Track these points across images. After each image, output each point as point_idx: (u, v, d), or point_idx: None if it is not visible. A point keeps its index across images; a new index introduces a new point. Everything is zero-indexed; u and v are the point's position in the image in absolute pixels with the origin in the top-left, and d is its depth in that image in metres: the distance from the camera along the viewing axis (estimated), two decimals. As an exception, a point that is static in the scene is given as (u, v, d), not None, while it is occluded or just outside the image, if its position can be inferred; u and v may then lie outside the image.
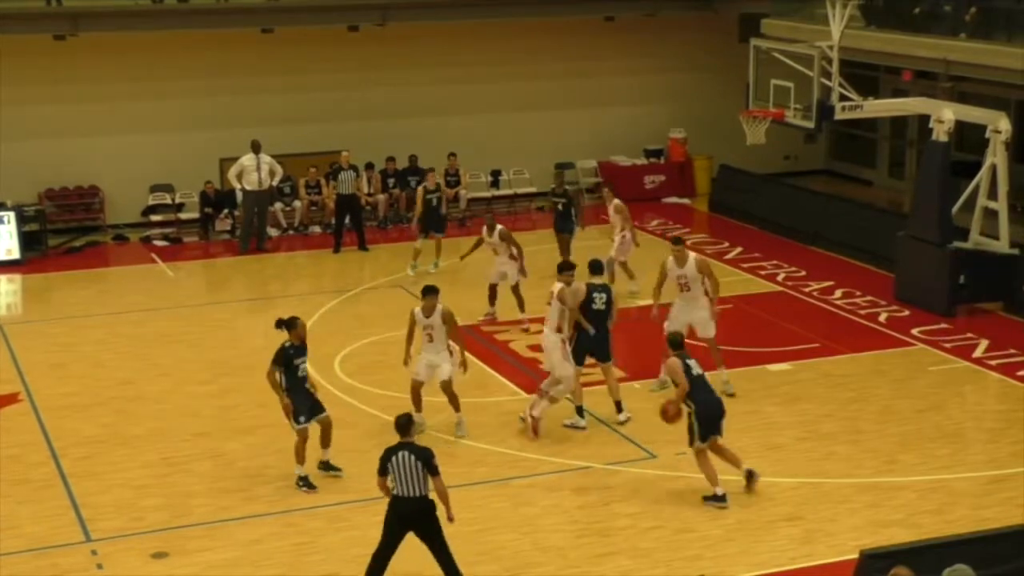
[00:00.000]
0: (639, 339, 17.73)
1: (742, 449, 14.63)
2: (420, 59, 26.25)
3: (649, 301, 16.85)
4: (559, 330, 14.91)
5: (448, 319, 14.92)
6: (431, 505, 11.28)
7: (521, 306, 18.94)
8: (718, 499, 13.27)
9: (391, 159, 25.33)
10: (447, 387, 15.07)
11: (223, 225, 24.59)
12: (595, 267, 15.77)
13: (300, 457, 13.75)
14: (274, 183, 23.89)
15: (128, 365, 17.74)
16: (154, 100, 24.96)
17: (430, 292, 14.93)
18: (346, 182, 23.33)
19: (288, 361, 13.67)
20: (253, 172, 23.32)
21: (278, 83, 25.55)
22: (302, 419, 13.67)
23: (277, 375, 13.62)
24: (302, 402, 13.70)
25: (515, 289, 19.05)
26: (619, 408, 15.47)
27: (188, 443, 15.11)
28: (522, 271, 19.14)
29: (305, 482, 13.76)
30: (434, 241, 21.94)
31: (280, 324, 13.80)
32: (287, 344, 13.70)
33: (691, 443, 13.32)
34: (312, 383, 13.97)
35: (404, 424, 11.42)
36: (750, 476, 13.53)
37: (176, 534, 12.86)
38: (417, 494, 11.19)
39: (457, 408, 15.12)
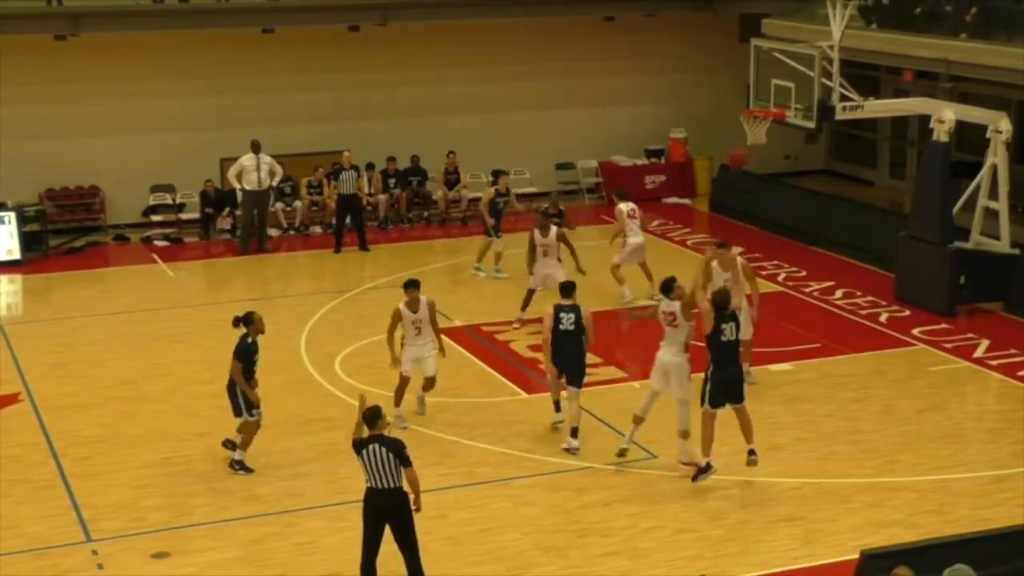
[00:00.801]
0: (640, 340, 17.73)
1: (743, 449, 14.64)
2: (421, 59, 26.26)
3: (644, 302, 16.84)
4: (686, 350, 13.98)
5: (432, 308, 15.12)
6: (405, 498, 11.31)
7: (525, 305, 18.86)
8: (704, 471, 13.47)
9: (392, 159, 25.35)
10: (433, 382, 15.27)
11: (224, 224, 24.60)
12: (566, 289, 14.90)
13: (249, 444, 14.30)
14: (274, 183, 23.90)
15: (129, 365, 17.75)
16: (155, 100, 24.97)
17: (413, 286, 15.07)
18: (347, 182, 23.35)
19: (250, 356, 14.09)
20: (253, 172, 23.33)
21: (279, 83, 25.56)
22: (255, 412, 14.21)
23: (240, 368, 14.01)
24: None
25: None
26: (573, 434, 14.55)
27: (189, 443, 15.12)
28: (580, 270, 18.75)
29: (242, 466, 14.26)
30: (485, 243, 21.68)
31: (238, 321, 14.20)
32: (250, 340, 14.10)
33: (701, 403, 13.58)
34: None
35: (372, 417, 11.38)
36: (752, 454, 13.64)
37: (177, 534, 12.87)
38: (391, 486, 11.22)
39: (428, 389, 15.40)
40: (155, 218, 25.10)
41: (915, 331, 18.82)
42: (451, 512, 13.20)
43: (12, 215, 23.12)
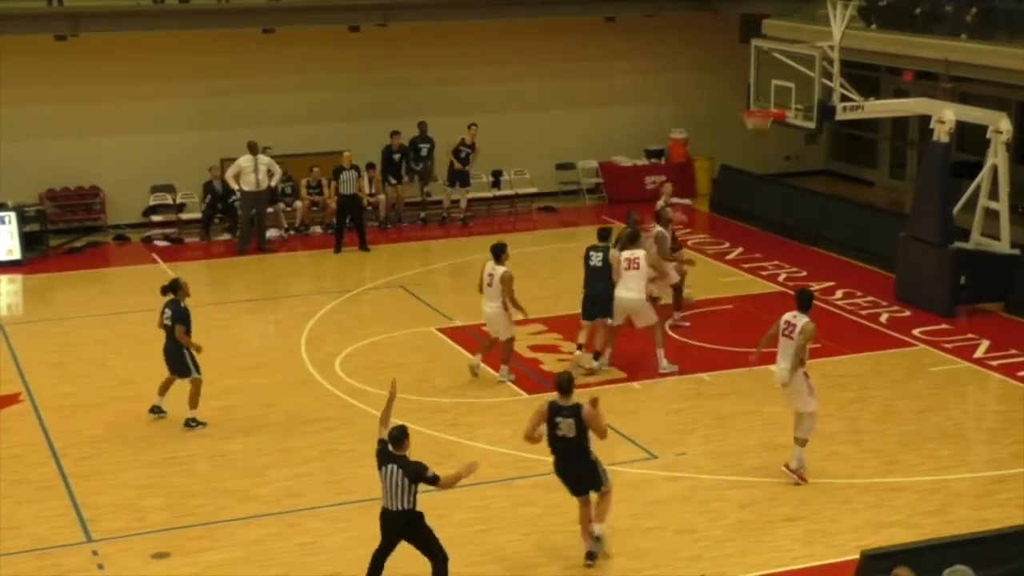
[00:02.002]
0: (640, 342, 17.76)
1: (744, 449, 14.68)
2: (421, 60, 26.26)
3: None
4: (802, 364, 13.60)
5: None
6: (417, 516, 11.30)
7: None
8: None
9: (396, 133, 25.09)
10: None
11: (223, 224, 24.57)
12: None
13: (197, 402, 15.38)
14: (273, 183, 23.89)
15: (129, 365, 17.75)
16: (155, 100, 24.98)
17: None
18: (348, 182, 23.36)
19: (188, 318, 15.28)
20: (251, 173, 23.32)
21: (279, 83, 25.57)
22: (196, 371, 15.35)
23: (184, 330, 15.20)
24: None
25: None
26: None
27: (189, 443, 15.13)
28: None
29: (197, 422, 15.40)
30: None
31: (166, 289, 15.39)
32: (182, 304, 15.27)
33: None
34: None
35: (398, 437, 11.31)
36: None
37: (177, 534, 12.88)
38: (402, 508, 11.21)
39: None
40: (155, 218, 25.11)
41: (915, 331, 18.83)
42: (452, 512, 13.20)
43: (12, 215, 23.12)
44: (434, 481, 11.26)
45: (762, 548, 12.45)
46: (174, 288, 15.32)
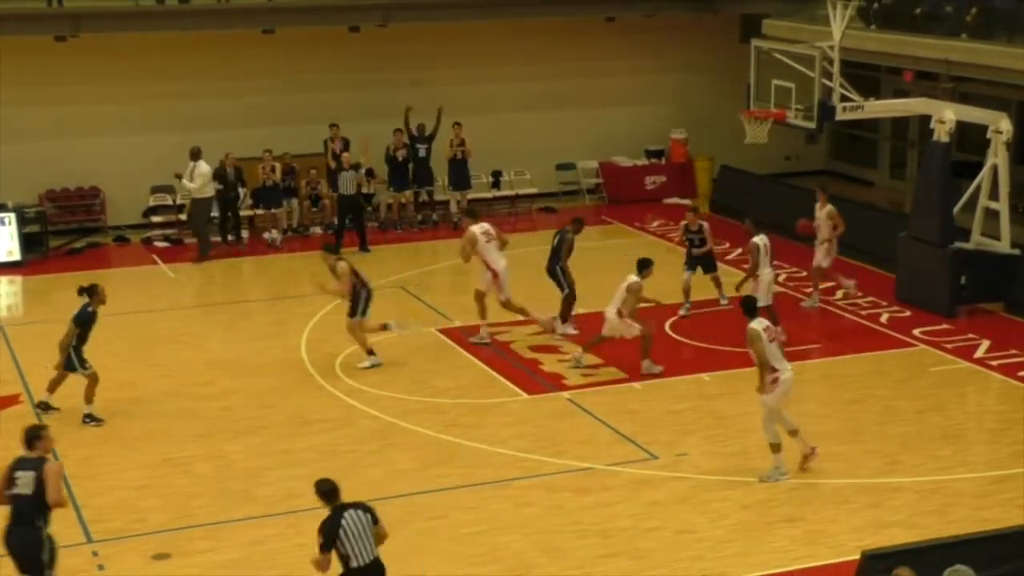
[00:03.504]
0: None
1: (744, 449, 14.68)
2: (421, 60, 26.25)
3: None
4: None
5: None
6: (383, 567, 10.25)
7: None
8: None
9: (398, 130, 24.91)
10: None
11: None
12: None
13: (93, 396, 15.66)
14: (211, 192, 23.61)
15: (129, 366, 17.75)
16: (155, 101, 24.98)
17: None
18: (347, 183, 23.37)
19: (89, 322, 15.62)
20: (206, 178, 23.29)
21: (280, 84, 25.57)
22: (88, 365, 15.67)
23: (76, 332, 15.53)
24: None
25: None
26: None
27: (189, 444, 15.13)
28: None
29: (92, 418, 15.62)
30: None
31: (82, 291, 15.77)
32: (91, 309, 15.63)
33: None
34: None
35: (331, 491, 10.43)
36: None
37: (178, 535, 12.88)
38: (371, 558, 10.10)
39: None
40: (155, 219, 25.12)
41: (916, 331, 18.83)
42: (451, 513, 13.21)
43: (12, 216, 23.13)
44: (378, 521, 10.18)
45: (763, 548, 12.45)
46: (90, 292, 15.76)
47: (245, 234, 24.58)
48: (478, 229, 18.49)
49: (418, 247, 24.25)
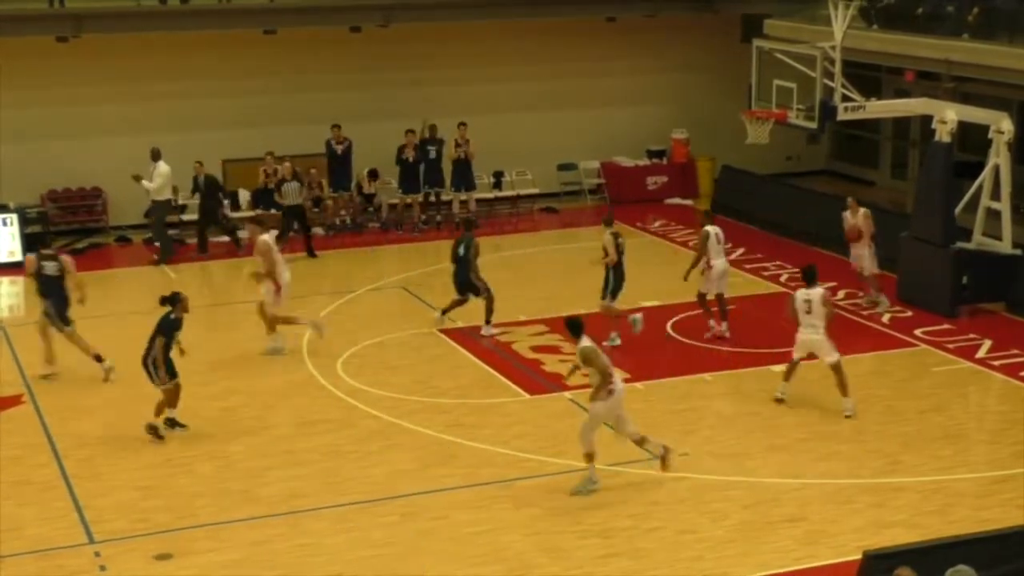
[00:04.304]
0: (640, 344, 17.77)
1: (746, 450, 14.69)
2: (422, 60, 26.26)
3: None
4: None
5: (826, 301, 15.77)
6: None
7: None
8: None
9: (410, 131, 24.88)
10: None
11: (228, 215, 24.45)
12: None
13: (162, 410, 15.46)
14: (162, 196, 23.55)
15: (131, 367, 17.62)
16: (156, 101, 24.98)
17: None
18: (291, 193, 23.29)
19: (172, 330, 15.36)
20: (159, 178, 23.26)
21: (281, 84, 25.58)
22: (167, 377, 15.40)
23: (161, 341, 15.32)
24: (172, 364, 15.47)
25: None
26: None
27: (191, 444, 15.14)
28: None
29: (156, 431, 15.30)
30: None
31: (165, 300, 15.50)
32: (173, 316, 15.38)
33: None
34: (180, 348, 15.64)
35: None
36: None
37: (180, 535, 12.90)
38: None
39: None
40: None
41: (917, 332, 18.83)
42: (453, 513, 13.22)
43: (14, 216, 23.14)
44: None
45: (764, 549, 12.46)
46: (172, 301, 15.45)
47: (244, 234, 24.59)
48: (270, 238, 18.06)
49: (421, 247, 24.24)
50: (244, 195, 25.11)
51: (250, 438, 15.34)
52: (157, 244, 23.69)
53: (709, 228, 18.31)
